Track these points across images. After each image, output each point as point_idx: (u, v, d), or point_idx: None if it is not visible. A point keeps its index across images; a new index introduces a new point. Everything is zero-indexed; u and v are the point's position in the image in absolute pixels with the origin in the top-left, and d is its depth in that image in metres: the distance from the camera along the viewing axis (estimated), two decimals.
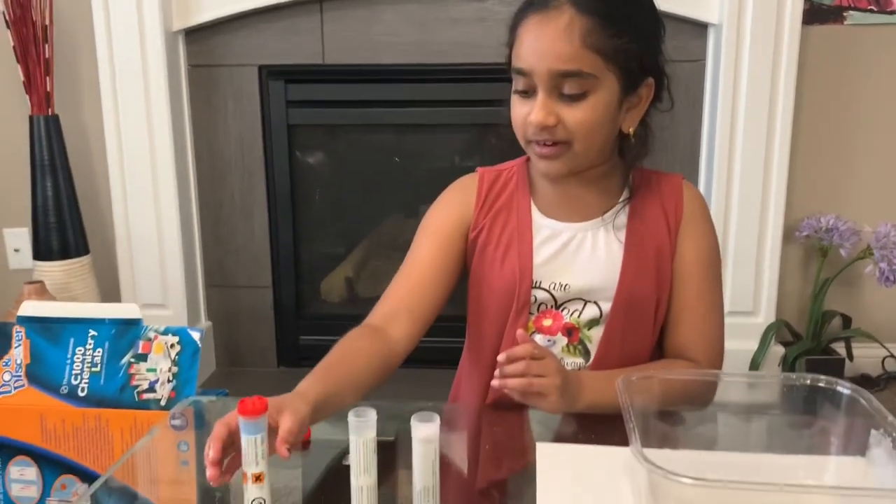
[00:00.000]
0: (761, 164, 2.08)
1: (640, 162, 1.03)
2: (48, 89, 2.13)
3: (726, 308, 2.12)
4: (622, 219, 1.02)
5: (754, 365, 2.11)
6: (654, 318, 1.02)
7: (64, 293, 2.15)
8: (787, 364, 2.11)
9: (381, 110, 2.27)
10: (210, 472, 0.70)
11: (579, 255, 1.02)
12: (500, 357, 0.86)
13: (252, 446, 0.68)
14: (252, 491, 0.69)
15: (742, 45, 2.02)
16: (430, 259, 1.04)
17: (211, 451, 0.70)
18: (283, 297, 2.38)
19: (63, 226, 2.17)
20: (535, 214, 1.04)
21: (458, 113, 2.20)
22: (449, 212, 1.07)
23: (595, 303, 1.02)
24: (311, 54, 2.20)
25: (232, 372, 2.38)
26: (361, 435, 0.68)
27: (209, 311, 2.39)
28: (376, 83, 2.24)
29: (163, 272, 2.24)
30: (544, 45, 0.91)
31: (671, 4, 2.06)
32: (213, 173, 2.31)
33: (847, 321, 2.22)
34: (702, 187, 2.19)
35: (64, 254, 2.18)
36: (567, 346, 1.03)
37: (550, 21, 0.90)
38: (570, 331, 1.03)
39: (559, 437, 0.91)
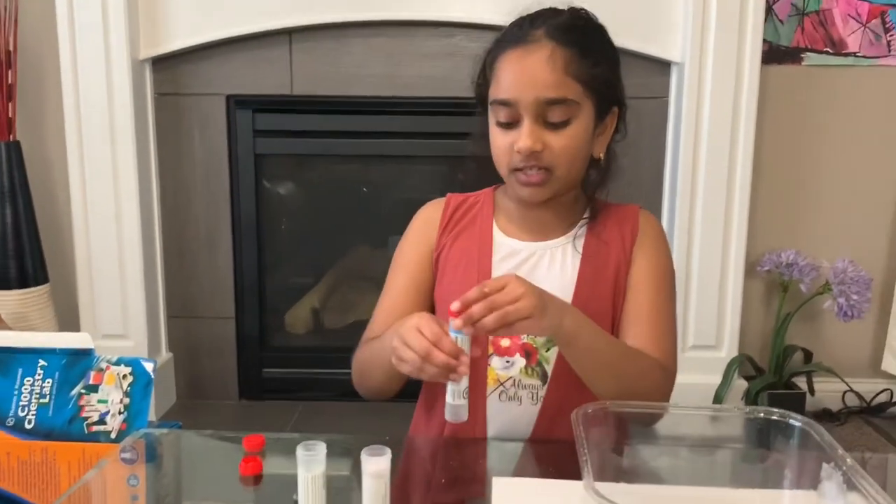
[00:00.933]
0: (723, 199, 2.11)
1: (604, 188, 1.08)
2: (10, 115, 2.11)
3: (690, 342, 2.18)
4: (581, 240, 1.05)
5: (718, 399, 2.13)
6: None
7: (21, 323, 2.10)
8: (750, 398, 2.13)
9: (348, 141, 2.28)
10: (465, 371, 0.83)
11: (536, 273, 1.04)
12: (454, 306, 0.85)
13: (464, 344, 0.82)
14: (464, 382, 0.84)
15: (704, 83, 2.06)
16: (404, 293, 1.08)
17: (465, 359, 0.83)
18: (247, 329, 2.35)
19: (21, 254, 2.13)
20: (497, 234, 1.08)
21: (426, 145, 2.21)
22: (415, 240, 1.11)
23: None
24: (279, 84, 2.21)
25: (192, 404, 2.33)
26: (310, 470, 0.67)
27: (171, 342, 2.35)
28: (344, 114, 2.25)
29: (124, 302, 2.21)
30: (529, 75, 0.96)
31: (636, 43, 2.10)
32: (177, 202, 2.28)
33: (808, 355, 2.25)
34: (665, 222, 2.22)
35: (22, 282, 2.13)
36: (525, 367, 1.04)
37: (532, 53, 0.96)
38: (528, 352, 1.04)
39: (517, 470, 0.90)
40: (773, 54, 2.18)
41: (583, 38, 0.98)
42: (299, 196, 2.39)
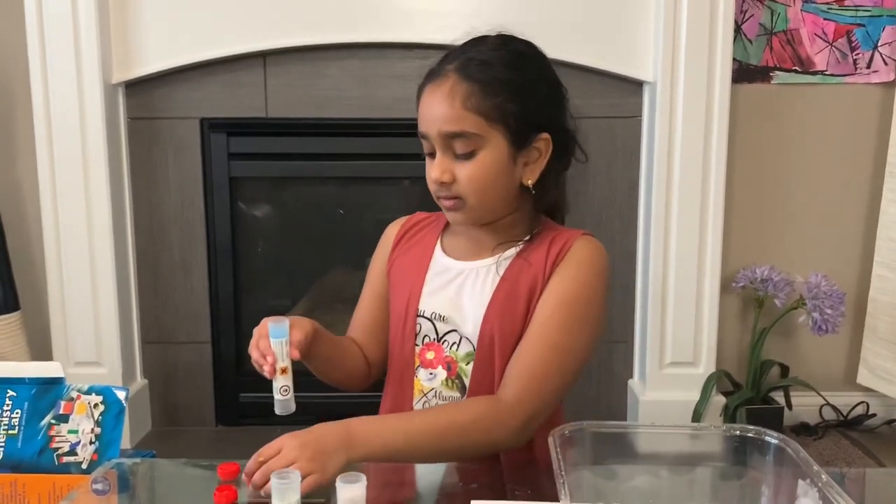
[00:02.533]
0: (697, 216, 2.13)
1: (560, 215, 1.12)
2: None
3: (668, 359, 2.19)
4: (507, 261, 1.07)
5: (697, 415, 2.13)
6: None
7: None
8: (729, 414, 2.13)
9: (324, 163, 2.27)
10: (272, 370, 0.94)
11: (461, 291, 1.08)
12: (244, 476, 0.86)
13: (279, 346, 0.93)
14: (280, 380, 0.94)
15: (675, 101, 2.09)
16: (368, 306, 1.19)
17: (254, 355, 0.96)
18: (223, 353, 2.33)
19: None
20: (437, 252, 1.13)
21: (402, 166, 2.21)
22: (377, 257, 1.20)
23: (468, 339, 1.07)
24: (253, 107, 2.20)
25: (168, 431, 2.30)
26: (285, 499, 0.66)
27: (145, 368, 2.32)
28: (319, 136, 2.25)
29: (97, 328, 2.17)
30: (433, 110, 1.00)
31: (608, 63, 2.13)
32: (151, 227, 2.26)
33: (785, 370, 2.27)
34: (640, 240, 2.24)
35: None
36: (446, 379, 1.08)
37: (438, 88, 1.00)
38: (449, 364, 1.08)
39: (495, 494, 0.90)
40: (743, 73, 2.21)
41: (490, 71, 0.99)
42: (275, 219, 2.37)
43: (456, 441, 0.94)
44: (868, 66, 2.22)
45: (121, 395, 1.00)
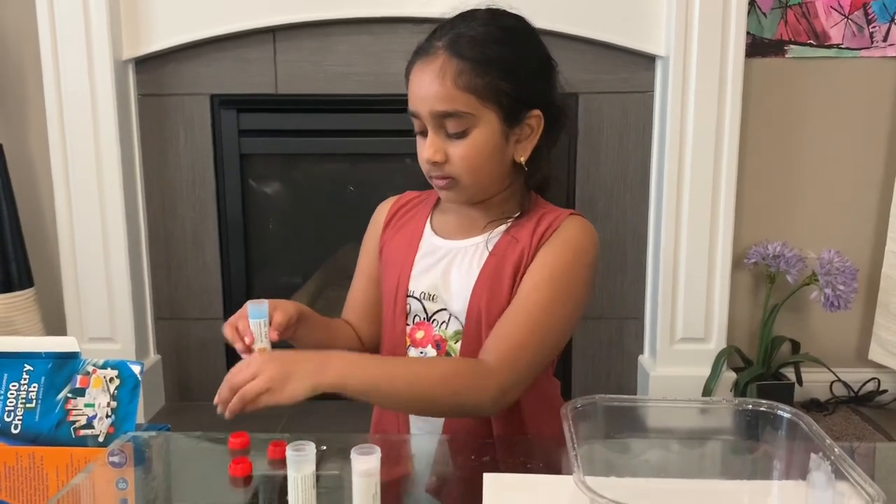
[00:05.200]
0: (709, 192, 2.12)
1: (547, 190, 1.10)
2: None
3: (678, 335, 2.19)
4: (495, 238, 1.06)
5: (707, 391, 2.14)
6: None
7: (6, 328, 2.08)
8: (739, 389, 2.14)
9: (334, 139, 2.27)
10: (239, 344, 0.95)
11: (449, 270, 1.07)
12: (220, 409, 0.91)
13: (257, 327, 0.92)
14: None
15: (688, 76, 2.07)
16: (360, 288, 1.19)
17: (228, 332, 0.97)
18: None
19: (6, 257, 2.11)
20: (427, 232, 1.12)
21: (412, 142, 2.19)
22: (367, 238, 1.19)
23: (457, 317, 1.07)
24: (263, 84, 2.20)
25: (181, 406, 2.32)
26: (300, 470, 0.66)
27: (158, 344, 2.34)
28: (329, 113, 2.24)
29: (110, 305, 2.19)
30: (424, 88, 0.98)
31: (620, 37, 2.11)
32: (163, 204, 2.27)
33: (796, 346, 2.26)
34: (651, 216, 2.23)
35: (6, 287, 2.11)
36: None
37: (428, 66, 0.98)
38: (438, 343, 1.08)
39: (506, 467, 0.90)
40: (757, 47, 2.19)
41: (480, 48, 0.97)
42: (286, 195, 2.38)
43: (429, 391, 0.93)
44: (884, 40, 2.19)
45: (136, 369, 1.01)
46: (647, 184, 2.23)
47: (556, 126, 1.06)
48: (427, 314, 1.08)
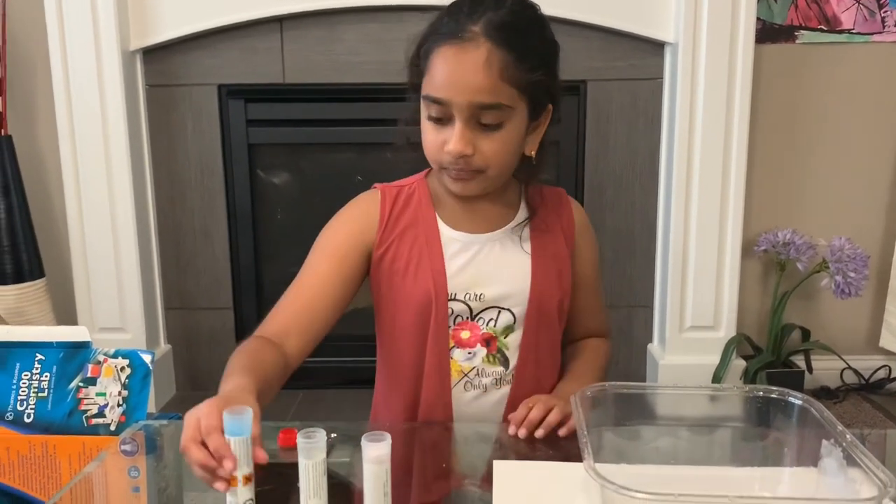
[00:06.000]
0: (719, 179, 2.11)
1: (536, 180, 1.10)
2: (1, 109, 2.09)
3: (688, 323, 2.19)
4: (525, 230, 1.08)
5: (716, 379, 2.13)
6: (558, 318, 1.09)
7: (18, 318, 2.10)
8: (749, 377, 2.13)
9: (342, 129, 2.27)
10: (224, 482, 0.68)
11: (490, 264, 1.06)
12: (521, 433, 0.94)
13: (242, 447, 0.67)
14: (244, 493, 0.68)
15: (698, 63, 2.05)
16: (324, 280, 1.03)
17: (228, 462, 0.67)
18: (245, 319, 2.35)
19: (17, 248, 2.12)
20: (443, 227, 1.06)
21: (418, 132, 2.19)
22: (348, 231, 1.07)
23: (508, 309, 1.06)
24: (271, 73, 2.19)
25: (193, 396, 2.33)
26: (311, 457, 0.66)
27: (169, 334, 2.35)
28: (338, 102, 2.24)
29: (120, 295, 2.20)
30: (464, 77, 0.92)
31: (629, 24, 2.09)
32: (172, 194, 2.27)
33: (806, 334, 2.25)
34: (660, 203, 2.22)
35: (18, 277, 2.12)
36: (487, 355, 1.06)
37: (468, 53, 0.92)
38: (487, 341, 1.06)
39: (516, 454, 0.90)
40: (767, 33, 2.17)
41: (522, 39, 0.94)
42: (294, 185, 2.38)
43: (605, 374, 1.14)
44: None
45: (147, 358, 1.02)
46: (656, 171, 2.22)
47: (555, 118, 1.05)
48: (472, 313, 1.05)
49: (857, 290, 2.06)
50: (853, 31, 2.18)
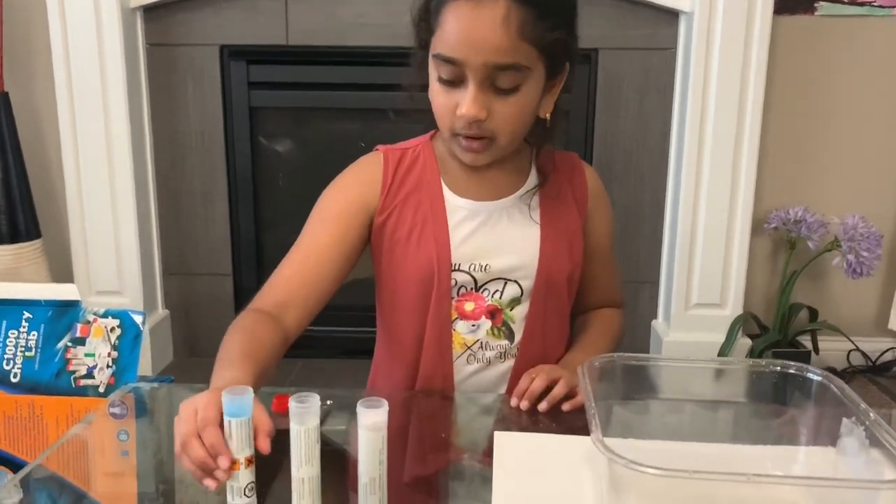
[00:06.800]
0: (730, 154, 2.06)
1: (550, 144, 1.04)
2: None
3: (694, 300, 2.15)
4: (535, 198, 1.03)
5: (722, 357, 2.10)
6: (567, 290, 1.05)
7: (13, 278, 2.06)
8: (754, 356, 2.10)
9: (346, 93, 2.22)
10: (216, 481, 0.65)
11: (496, 235, 1.01)
12: (522, 405, 0.90)
13: (243, 429, 0.64)
14: (245, 476, 0.65)
15: (713, 33, 1.99)
16: (326, 246, 0.98)
17: (224, 460, 0.64)
18: (244, 286, 2.32)
19: (13, 208, 2.08)
20: (448, 195, 1.01)
21: (426, 97, 2.15)
22: (350, 197, 1.02)
23: (515, 281, 1.01)
24: (274, 35, 2.14)
25: (190, 362, 2.31)
26: (303, 423, 0.63)
27: (167, 299, 2.32)
28: (342, 66, 2.18)
29: (118, 259, 2.17)
30: (480, 35, 0.85)
31: None
32: (172, 157, 2.23)
33: (814, 314, 2.22)
34: (670, 177, 2.17)
35: (14, 237, 2.09)
36: (491, 328, 1.02)
37: (485, 10, 0.85)
38: (492, 313, 1.02)
39: (518, 426, 0.87)
40: (786, 3, 2.10)
41: None
42: (296, 150, 2.33)
43: (616, 346, 1.11)
44: None
45: (138, 318, 0.98)
46: (666, 144, 2.17)
47: (570, 79, 0.98)
48: (477, 284, 1.00)
49: (870, 270, 2.02)
50: (874, 5, 2.12)
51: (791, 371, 0.74)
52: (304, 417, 0.63)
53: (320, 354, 2.24)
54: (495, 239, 1.00)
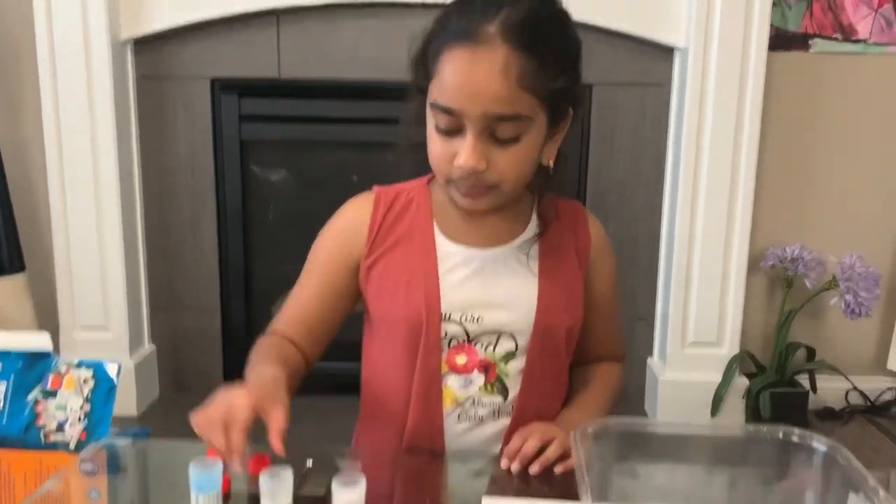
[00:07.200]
0: (726, 190, 2.04)
1: (552, 192, 1.00)
2: None
3: (690, 338, 2.12)
4: (535, 247, 0.98)
5: (717, 398, 2.06)
6: (566, 346, 1.00)
7: None
8: (752, 397, 2.06)
9: (338, 127, 2.19)
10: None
11: (491, 285, 0.96)
12: (514, 467, 0.86)
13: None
14: None
15: (708, 69, 1.98)
16: (313, 297, 1.00)
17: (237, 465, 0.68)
18: (233, 320, 2.28)
19: None
20: (440, 240, 0.97)
21: (422, 132, 2.12)
22: (334, 244, 1.01)
23: (510, 335, 0.96)
24: (266, 68, 2.12)
25: (176, 399, 2.26)
26: (275, 499, 0.59)
27: (153, 334, 2.27)
28: (334, 99, 2.16)
29: (104, 292, 2.12)
30: (478, 86, 0.82)
31: (636, 27, 2.02)
32: (161, 189, 2.20)
33: (811, 353, 2.18)
34: (665, 214, 2.15)
35: None
36: (484, 384, 0.97)
37: (483, 58, 0.82)
38: (486, 367, 0.96)
39: (510, 489, 0.83)
40: (780, 40, 2.10)
41: (544, 41, 0.84)
42: (286, 184, 2.30)
43: (614, 406, 1.06)
44: None
45: (112, 370, 0.94)
46: (661, 180, 2.15)
47: (575, 122, 0.95)
48: (469, 336, 0.95)
49: (868, 311, 1.99)
50: (869, 42, 2.11)
51: (794, 439, 0.70)
52: (277, 495, 0.59)
53: (311, 391, 2.18)
54: (490, 289, 0.96)
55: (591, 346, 1.08)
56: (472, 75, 0.82)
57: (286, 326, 0.99)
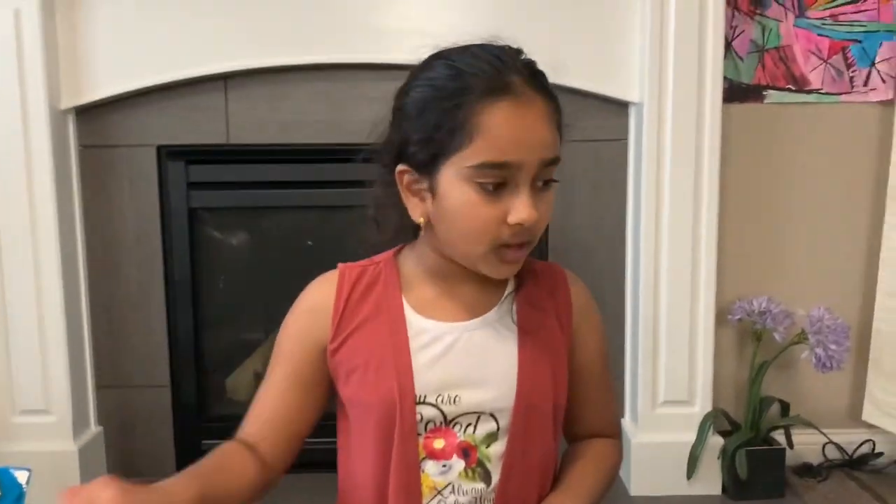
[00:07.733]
0: (689, 244, 1.99)
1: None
2: None
3: (661, 398, 2.04)
4: (512, 312, 0.92)
5: (693, 458, 1.98)
6: (552, 423, 0.92)
7: None
8: (727, 456, 1.98)
9: (290, 191, 2.13)
10: None
11: (468, 361, 0.89)
12: None
13: None
14: None
15: (664, 123, 1.96)
16: (281, 391, 0.94)
17: None
18: (183, 397, 2.16)
19: None
20: (411, 315, 0.91)
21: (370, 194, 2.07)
22: (297, 332, 0.94)
23: (491, 415, 0.89)
24: (214, 134, 2.05)
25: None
26: None
27: (100, 414, 2.15)
28: (285, 163, 2.10)
29: (45, 373, 2.00)
30: (532, 133, 0.82)
31: (592, 83, 2.00)
32: (105, 262, 2.10)
33: (785, 407, 2.12)
34: (629, 270, 2.10)
35: None
36: (465, 469, 0.89)
37: (530, 109, 0.82)
38: (465, 451, 0.89)
39: None
40: (735, 92, 2.09)
41: (548, 83, 0.87)
42: (238, 251, 2.22)
43: (609, 487, 0.99)
44: (865, 84, 2.11)
45: (21, 477, 0.85)
46: (623, 236, 2.10)
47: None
48: (446, 418, 0.89)
49: (839, 364, 1.94)
50: (821, 91, 2.11)
51: None
52: None
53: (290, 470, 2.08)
54: (467, 366, 0.89)
55: (581, 419, 1.00)
56: (524, 124, 0.82)
57: (253, 429, 0.93)
